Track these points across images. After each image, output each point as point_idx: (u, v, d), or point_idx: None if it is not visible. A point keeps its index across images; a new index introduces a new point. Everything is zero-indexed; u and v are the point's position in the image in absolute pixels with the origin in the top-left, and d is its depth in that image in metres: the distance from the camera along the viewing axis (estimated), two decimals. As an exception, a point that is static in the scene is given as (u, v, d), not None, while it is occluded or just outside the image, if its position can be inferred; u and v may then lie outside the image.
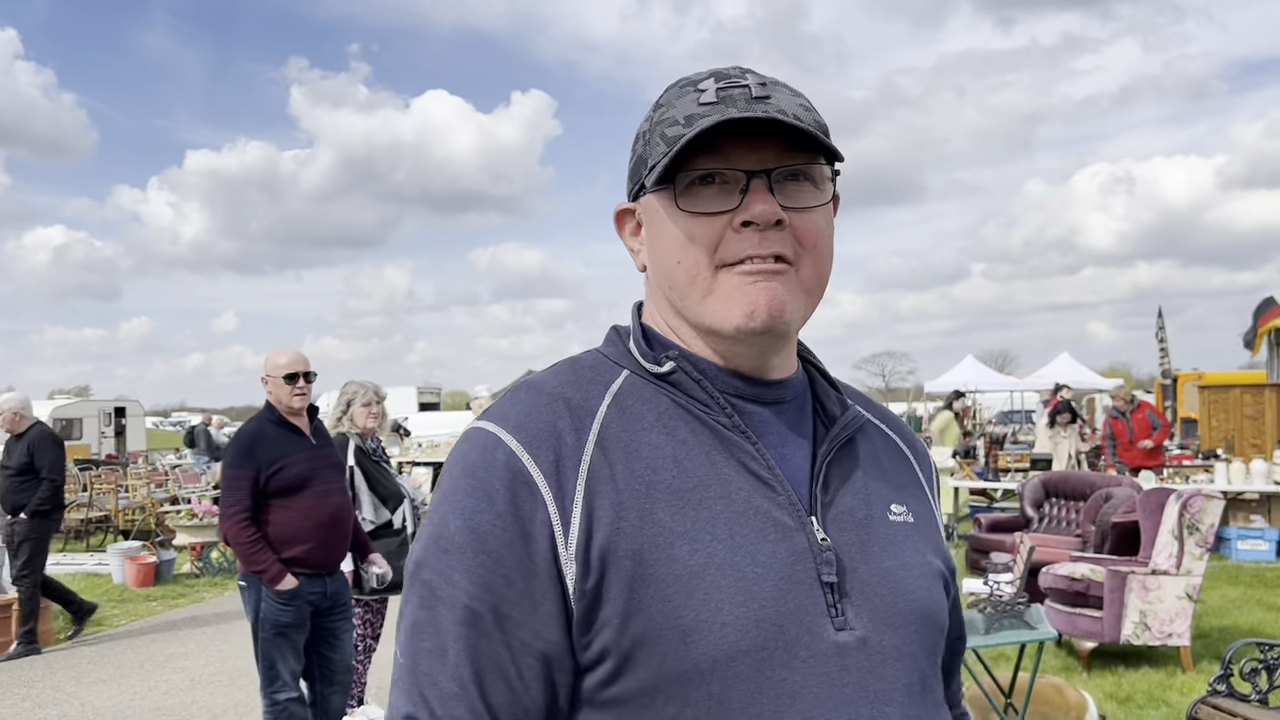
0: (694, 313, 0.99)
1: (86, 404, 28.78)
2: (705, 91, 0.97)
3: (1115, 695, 5.65)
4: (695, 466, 0.95)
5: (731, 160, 0.95)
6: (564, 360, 1.06)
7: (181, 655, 7.41)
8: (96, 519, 13.51)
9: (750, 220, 0.94)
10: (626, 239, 1.09)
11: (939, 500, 1.19)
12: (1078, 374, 22.67)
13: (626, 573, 0.89)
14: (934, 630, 1.02)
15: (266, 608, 4.21)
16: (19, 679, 6.80)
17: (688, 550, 0.91)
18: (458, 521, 0.93)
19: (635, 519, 0.91)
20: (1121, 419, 11.35)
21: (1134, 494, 7.40)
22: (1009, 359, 58.23)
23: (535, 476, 0.92)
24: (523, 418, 0.96)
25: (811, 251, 0.97)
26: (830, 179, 1.01)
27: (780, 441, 1.00)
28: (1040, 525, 9.07)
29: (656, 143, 0.98)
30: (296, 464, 4.28)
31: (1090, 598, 6.16)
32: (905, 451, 1.14)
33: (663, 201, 0.99)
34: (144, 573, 10.15)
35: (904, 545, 1.02)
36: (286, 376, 4.32)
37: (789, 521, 0.95)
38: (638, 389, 1.00)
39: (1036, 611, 4.40)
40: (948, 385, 24.29)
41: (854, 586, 0.95)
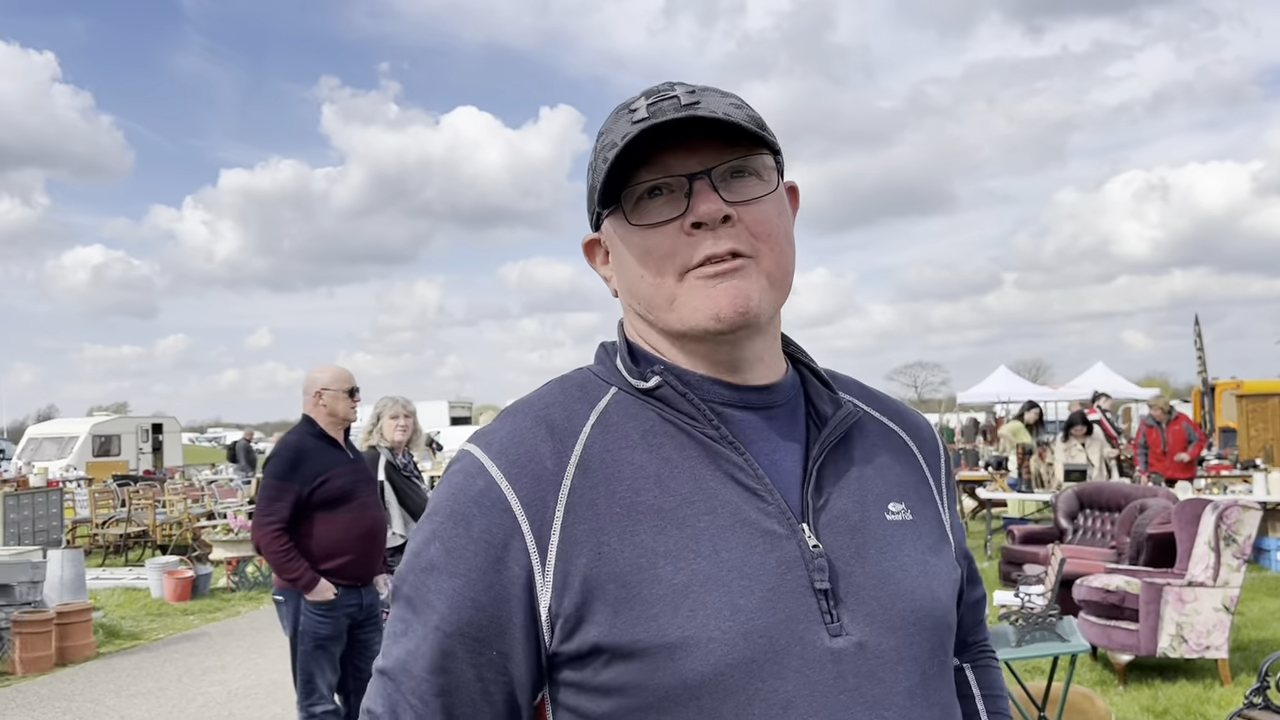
0: (665, 322, 1.00)
1: (124, 421, 29.18)
2: (637, 110, 0.98)
3: (1152, 709, 5.58)
4: (679, 484, 0.96)
5: (671, 168, 0.97)
6: (555, 379, 1.08)
7: (219, 668, 7.50)
8: (135, 534, 13.69)
9: (699, 221, 0.95)
10: (598, 268, 1.11)
11: (951, 489, 1.17)
12: (1113, 384, 22.40)
13: (611, 596, 0.91)
14: (936, 630, 1.00)
15: (305, 620, 4.26)
16: (60, 692, 6.91)
17: (671, 569, 0.91)
18: (436, 542, 0.96)
19: (616, 542, 0.93)
20: (1157, 429, 11.21)
21: (1169, 505, 7.32)
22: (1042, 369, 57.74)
23: (513, 503, 0.94)
24: (506, 443, 0.98)
25: (767, 240, 0.98)
26: (774, 168, 1.02)
27: (771, 448, 1.00)
28: (1074, 537, 8.97)
29: (599, 167, 1.01)
30: (339, 477, 4.35)
31: (1125, 610, 6.09)
32: (908, 443, 1.12)
33: (616, 223, 1.02)
34: (181, 587, 10.28)
35: (902, 545, 1.01)
36: (349, 391, 4.45)
37: (779, 530, 0.95)
38: (624, 406, 1.01)
39: (1069, 624, 4.37)
40: (980, 396, 24.09)
41: (849, 591, 0.95)
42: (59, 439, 26.47)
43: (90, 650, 7.99)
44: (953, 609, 1.06)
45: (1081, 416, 11.90)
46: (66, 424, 28.57)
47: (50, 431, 27.48)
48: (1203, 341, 19.21)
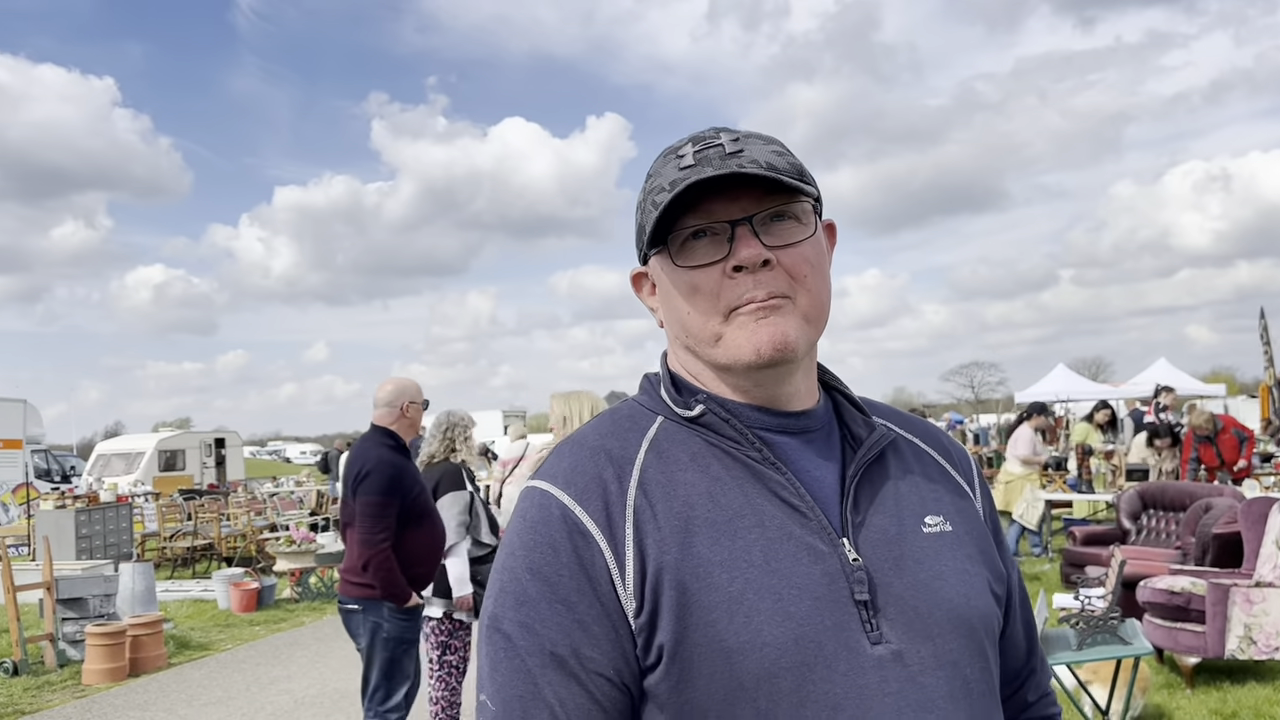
0: (710, 356, 1.07)
1: (188, 436, 29.81)
2: (684, 156, 1.05)
3: (1220, 712, 5.48)
4: (729, 500, 1.02)
5: (715, 214, 1.03)
6: (604, 413, 1.16)
7: (285, 678, 7.66)
8: (201, 547, 14.00)
9: (739, 265, 1.02)
10: (644, 299, 1.18)
11: (990, 503, 1.21)
12: (1177, 380, 21.89)
13: (673, 602, 0.96)
14: (976, 635, 1.04)
15: (391, 626, 4.39)
16: (134, 702, 7.11)
17: (726, 578, 0.97)
18: (529, 574, 1.01)
19: (676, 552, 0.98)
20: (1208, 443, 10.94)
21: (1235, 504, 7.17)
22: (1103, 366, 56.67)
23: (589, 526, 1.00)
24: (570, 473, 1.05)
25: (804, 283, 1.05)
26: (813, 211, 1.08)
27: (810, 468, 1.06)
28: (1138, 538, 8.82)
29: (649, 210, 1.07)
30: (424, 492, 4.53)
31: (1192, 612, 5.98)
32: (940, 462, 1.18)
33: (663, 262, 1.09)
34: (247, 598, 10.50)
35: (939, 555, 1.06)
36: (425, 403, 4.59)
37: (821, 545, 1.00)
38: (672, 433, 1.08)
39: (1131, 626, 4.32)
40: (1039, 395, 23.70)
41: (888, 602, 1.00)
42: (126, 455, 27.12)
43: (162, 661, 8.20)
44: (994, 613, 1.10)
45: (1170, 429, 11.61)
46: (133, 440, 29.24)
47: (118, 448, 28.16)
48: (1269, 335, 18.73)
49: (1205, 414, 11.02)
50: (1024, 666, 1.23)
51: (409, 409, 4.50)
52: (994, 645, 1.09)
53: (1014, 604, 1.19)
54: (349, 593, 4.43)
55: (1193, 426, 10.94)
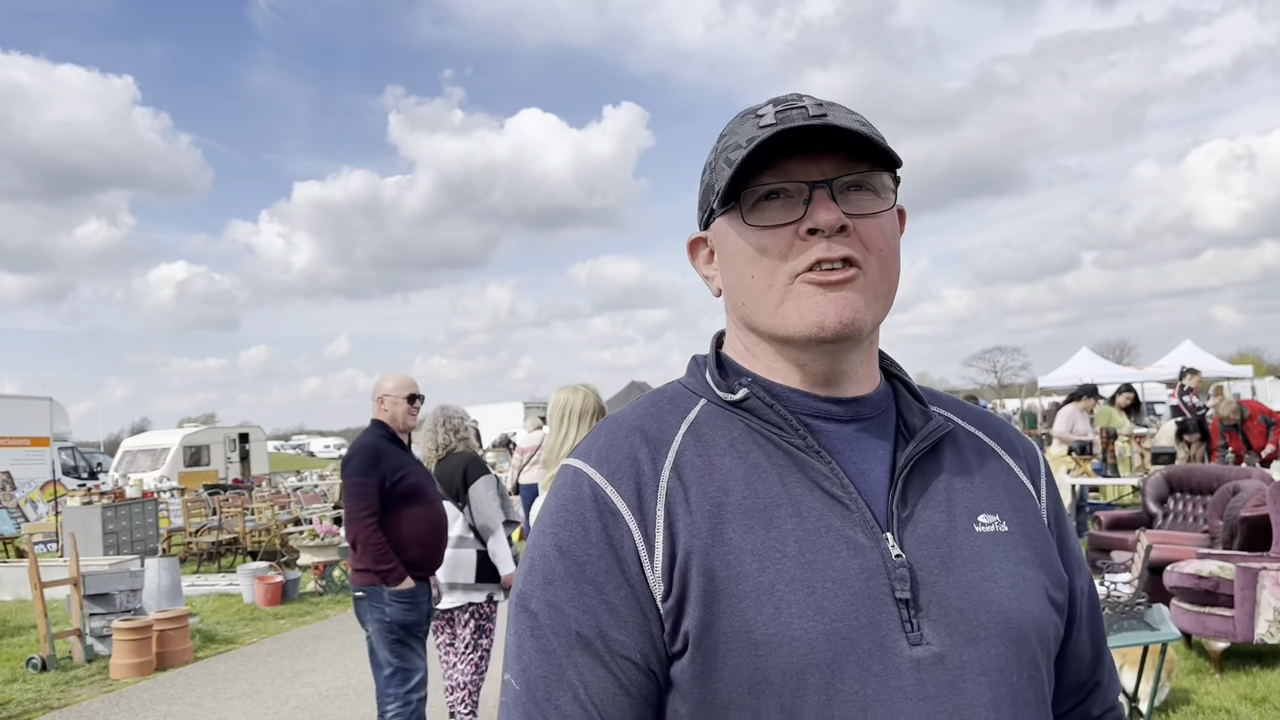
0: (768, 324, 1.02)
1: (212, 431, 30.03)
2: (764, 116, 1.00)
3: (1250, 697, 5.41)
4: (766, 487, 0.98)
5: (793, 175, 0.99)
6: (648, 393, 1.12)
7: (309, 671, 7.70)
8: (226, 541, 14.11)
9: (815, 228, 0.97)
10: (700, 267, 1.13)
11: (1057, 503, 1.14)
12: (1203, 361, 21.71)
13: (700, 589, 0.93)
14: (1027, 642, 0.98)
15: (394, 611, 4.49)
16: (161, 695, 7.16)
17: (757, 567, 0.94)
18: (557, 553, 0.98)
19: (706, 538, 0.95)
20: (1235, 431, 10.83)
21: (1263, 486, 7.07)
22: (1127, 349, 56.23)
23: (619, 505, 0.97)
24: (604, 451, 1.02)
25: (877, 254, 1.00)
26: (892, 188, 1.04)
27: (859, 459, 1.02)
28: (1164, 522, 8.73)
29: (721, 168, 1.03)
30: (413, 474, 4.63)
31: (1220, 596, 5.91)
32: (1003, 456, 1.11)
33: (731, 221, 1.03)
34: (272, 592, 10.57)
35: (993, 556, 1.00)
36: (409, 397, 4.72)
37: (863, 539, 0.96)
38: (713, 417, 1.04)
39: (1158, 612, 4.26)
40: (1063, 379, 23.54)
41: (931, 601, 0.95)
42: (152, 451, 27.35)
43: (188, 655, 8.26)
44: (1051, 620, 1.03)
45: (1199, 424, 11.52)
46: (158, 436, 29.49)
47: (143, 444, 28.40)
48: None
49: (1231, 403, 10.91)
50: (1089, 678, 1.16)
51: (384, 401, 4.71)
52: (1048, 654, 1.03)
53: (1079, 612, 1.12)
54: (354, 580, 4.61)
55: (1219, 416, 10.84)
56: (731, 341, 1.10)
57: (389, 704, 4.54)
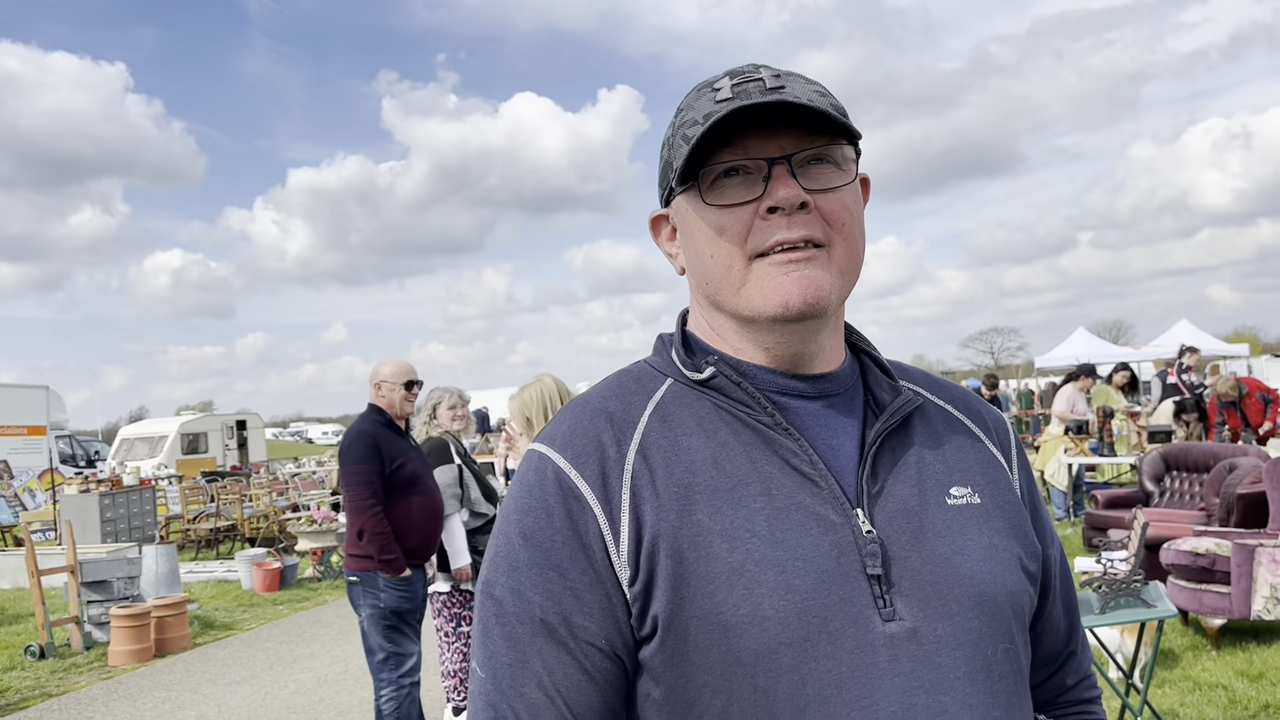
0: (731, 304, 1.00)
1: (210, 419, 30.04)
2: (720, 90, 0.98)
3: (1247, 673, 5.42)
4: (735, 466, 0.97)
5: (751, 151, 0.96)
6: (613, 374, 1.10)
7: (308, 656, 7.71)
8: (224, 528, 14.11)
9: (775, 206, 0.95)
10: (663, 244, 1.11)
11: (1027, 475, 1.13)
12: (1199, 340, 21.69)
13: (669, 571, 0.92)
14: (1002, 613, 0.98)
15: (388, 598, 4.49)
16: (159, 682, 7.17)
17: (726, 548, 0.93)
18: (521, 539, 0.97)
19: (674, 520, 0.94)
20: (1233, 408, 10.84)
21: (1260, 464, 7.07)
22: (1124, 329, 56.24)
23: (584, 490, 0.96)
24: (568, 435, 1.00)
25: (840, 230, 0.98)
26: (853, 159, 1.02)
27: (828, 435, 1.00)
28: (1161, 500, 8.73)
29: (679, 145, 1.00)
30: (410, 462, 4.61)
31: (1216, 573, 5.92)
32: (974, 429, 1.10)
33: (690, 200, 1.01)
34: (270, 578, 10.57)
35: (965, 529, 0.99)
36: (406, 384, 4.68)
37: (833, 516, 0.95)
38: (680, 396, 1.02)
39: (1155, 589, 4.26)
40: (1059, 360, 23.54)
41: (903, 576, 0.95)
42: (150, 439, 27.36)
43: (187, 641, 8.27)
44: (1025, 590, 1.03)
45: (1197, 404, 11.54)
46: (156, 424, 29.49)
47: (141, 432, 28.41)
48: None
49: (1229, 380, 10.92)
50: (1063, 649, 1.16)
51: (381, 387, 4.69)
52: (1023, 625, 1.03)
53: (1053, 583, 1.12)
54: (349, 565, 4.59)
55: (1217, 393, 10.84)
56: (697, 320, 1.09)
57: (383, 689, 4.54)
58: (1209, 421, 11.31)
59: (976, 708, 0.94)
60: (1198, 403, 11.65)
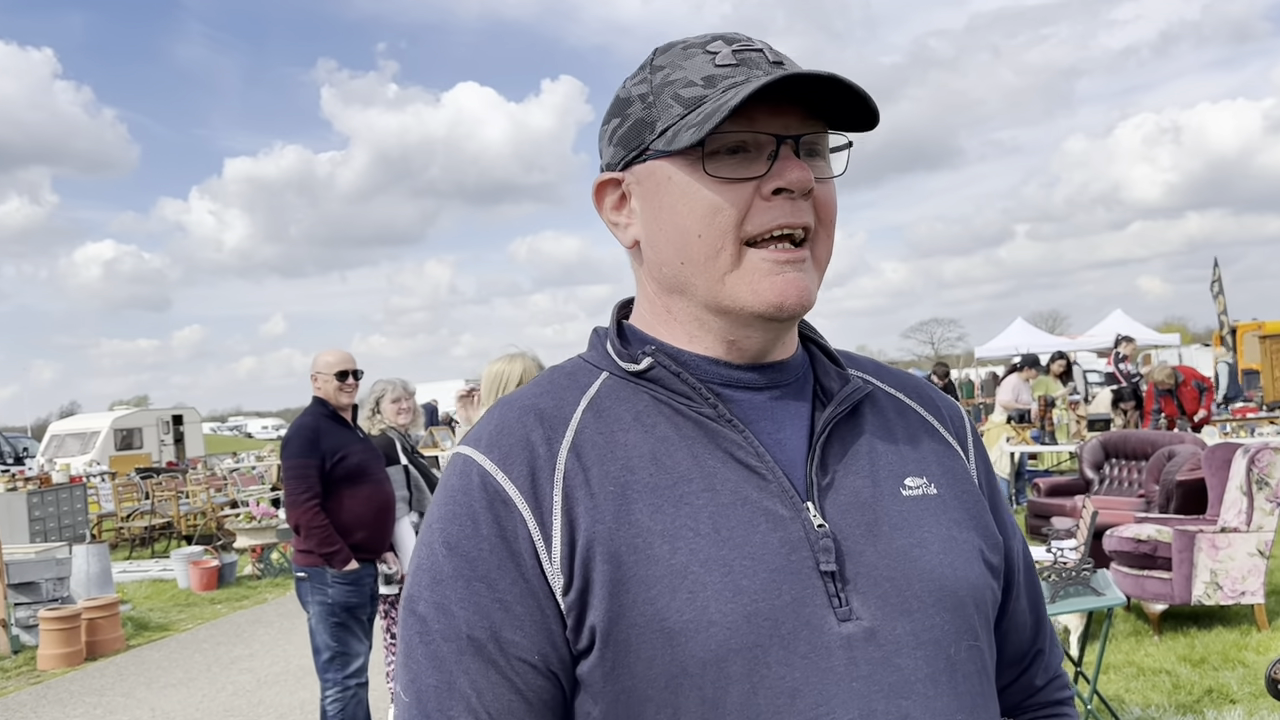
0: (709, 290, 0.93)
1: (145, 413, 29.34)
2: (718, 53, 0.92)
3: (1189, 658, 5.50)
4: (675, 462, 0.91)
5: (758, 125, 0.90)
6: (545, 370, 1.04)
7: (247, 656, 7.51)
8: (159, 526, 13.76)
9: (784, 187, 0.89)
10: (608, 213, 1.01)
11: (985, 463, 1.08)
12: (1133, 330, 22.16)
13: (606, 577, 0.86)
14: (961, 609, 0.92)
15: (336, 593, 4.38)
16: (91, 686, 6.93)
17: (668, 549, 0.86)
18: (445, 550, 0.90)
19: (611, 521, 0.88)
20: (1169, 396, 11.08)
21: (1198, 451, 7.20)
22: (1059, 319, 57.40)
23: (511, 493, 0.89)
24: (495, 435, 0.94)
25: (826, 226, 0.94)
26: (843, 155, 0.97)
27: (775, 427, 0.95)
28: (1101, 487, 8.87)
29: (668, 104, 0.92)
30: (355, 454, 4.50)
31: (1158, 559, 6.01)
32: (927, 417, 1.05)
33: (683, 167, 0.92)
34: (207, 576, 10.32)
35: (922, 520, 0.94)
36: (338, 374, 4.54)
37: (782, 510, 0.89)
38: (615, 390, 0.96)
39: (1103, 577, 4.28)
40: (999, 350, 23.88)
41: (859, 572, 0.89)
42: (81, 435, 26.62)
43: (119, 644, 8.02)
44: (988, 584, 0.97)
45: (1134, 392, 11.77)
46: (88, 419, 28.72)
47: (72, 428, 27.64)
48: (1221, 285, 18.95)
49: (1166, 368, 11.15)
50: (1030, 647, 1.11)
51: (317, 379, 4.57)
52: (987, 621, 0.97)
53: (1016, 577, 1.06)
54: (296, 561, 4.50)
55: (1153, 381, 11.06)
56: (644, 306, 1.01)
57: (328, 689, 4.43)
58: (1145, 409, 11.53)
59: (940, 712, 0.88)
60: (1134, 391, 11.88)
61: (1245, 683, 5.00)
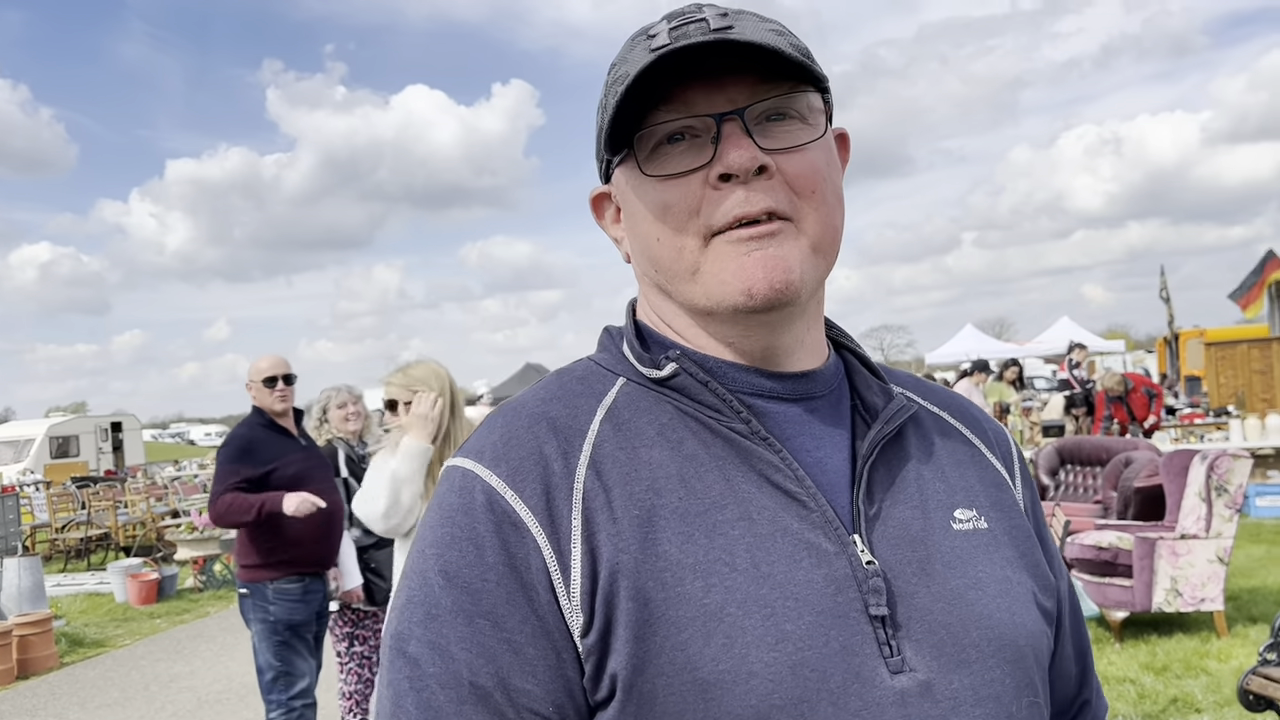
0: (687, 295, 0.83)
1: (82, 420, 28.64)
2: (657, 36, 0.81)
3: (1151, 666, 5.47)
4: (707, 485, 0.79)
5: (695, 107, 0.79)
6: (551, 373, 0.90)
7: (187, 674, 7.23)
8: (96, 537, 13.32)
9: (727, 173, 0.78)
10: (608, 227, 0.93)
11: (1033, 492, 0.97)
12: (1079, 337, 22.51)
13: (631, 618, 0.74)
14: (1021, 661, 0.82)
15: (279, 610, 4.19)
16: (20, 707, 6.62)
17: (701, 586, 0.75)
18: (442, 580, 0.76)
19: (636, 552, 0.76)
20: (1120, 403, 11.20)
21: (1155, 457, 7.23)
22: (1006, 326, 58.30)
23: (523, 515, 0.77)
24: (501, 447, 0.81)
25: (811, 198, 0.81)
26: (822, 110, 0.84)
27: (813, 445, 0.84)
28: (1057, 493, 8.90)
29: (608, 104, 0.82)
30: (292, 464, 4.29)
31: (1119, 566, 5.98)
32: (974, 441, 0.94)
33: (628, 173, 0.84)
34: (146, 590, 9.98)
35: (975, 559, 0.83)
36: (266, 380, 4.33)
37: (825, 544, 0.78)
38: (635, 399, 0.84)
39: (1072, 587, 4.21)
40: (949, 356, 24.12)
41: (911, 617, 0.78)
42: (14, 442, 25.87)
43: (53, 661, 7.71)
44: (1044, 633, 0.86)
45: (1085, 399, 11.88)
46: (21, 426, 27.93)
47: (5, 435, 26.86)
48: (1169, 291, 19.30)
49: (1116, 376, 11.29)
50: (1076, 696, 1.00)
51: (251, 386, 4.38)
52: (1044, 674, 0.86)
53: (1064, 620, 0.95)
54: (239, 577, 4.31)
55: (1104, 388, 11.17)
56: (647, 314, 0.90)
57: (272, 711, 4.23)
58: (1096, 415, 11.64)
59: None
60: (1086, 396, 11.99)
61: (1209, 691, 4.97)
